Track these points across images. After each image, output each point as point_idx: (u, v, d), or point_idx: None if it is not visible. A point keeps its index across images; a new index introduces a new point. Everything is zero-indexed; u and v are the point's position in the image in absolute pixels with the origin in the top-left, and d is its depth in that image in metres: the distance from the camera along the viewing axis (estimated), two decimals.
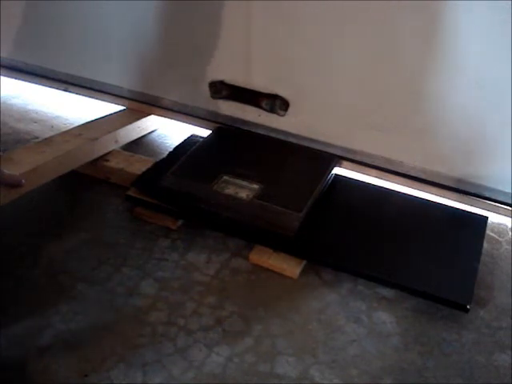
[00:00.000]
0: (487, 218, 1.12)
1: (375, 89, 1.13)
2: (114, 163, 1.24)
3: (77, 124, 1.31)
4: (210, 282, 1.01)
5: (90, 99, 1.46)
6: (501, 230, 1.18)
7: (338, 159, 1.21)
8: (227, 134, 1.29)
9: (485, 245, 1.08)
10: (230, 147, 1.25)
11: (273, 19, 1.15)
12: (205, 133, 1.33)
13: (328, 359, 0.88)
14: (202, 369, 0.86)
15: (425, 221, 1.12)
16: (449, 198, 1.16)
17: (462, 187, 1.14)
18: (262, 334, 0.92)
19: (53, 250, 1.05)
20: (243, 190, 1.09)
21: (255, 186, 1.10)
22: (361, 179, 1.23)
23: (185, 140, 1.32)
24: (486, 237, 1.08)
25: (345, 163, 1.23)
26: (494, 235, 1.17)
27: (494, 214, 1.15)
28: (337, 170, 1.22)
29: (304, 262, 1.04)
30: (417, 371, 0.88)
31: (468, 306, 0.93)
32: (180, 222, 1.13)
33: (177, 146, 1.29)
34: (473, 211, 1.14)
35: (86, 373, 0.84)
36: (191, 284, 1.01)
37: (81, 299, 0.96)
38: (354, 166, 1.22)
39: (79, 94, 1.46)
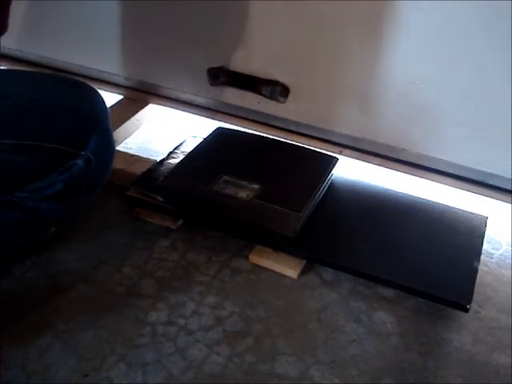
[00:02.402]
0: (487, 217, 1.12)
1: (377, 74, 1.12)
2: (113, 163, 1.24)
3: None
4: (210, 281, 1.01)
5: None
6: (501, 229, 1.18)
7: (337, 160, 1.20)
8: (227, 134, 1.29)
9: (485, 245, 1.07)
10: (230, 147, 1.25)
11: (273, 3, 1.14)
12: (204, 124, 1.33)
13: (328, 359, 0.89)
14: (202, 368, 0.86)
15: (425, 221, 1.12)
16: (450, 185, 1.16)
17: (463, 174, 1.14)
18: (262, 333, 0.92)
19: (53, 250, 1.05)
20: (243, 190, 1.09)
21: (255, 186, 1.10)
22: (362, 170, 1.23)
23: (185, 140, 1.32)
24: (485, 237, 1.08)
25: (346, 151, 1.22)
26: (494, 235, 1.17)
27: (495, 200, 1.14)
28: (338, 159, 1.21)
29: (304, 262, 1.04)
30: (417, 371, 0.88)
31: (468, 306, 0.93)
32: (180, 222, 1.13)
33: (177, 146, 1.29)
34: (473, 211, 1.14)
35: (86, 373, 0.84)
36: (191, 284, 1.01)
37: (81, 299, 0.96)
38: (356, 153, 1.22)
39: None
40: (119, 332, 0.91)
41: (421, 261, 1.02)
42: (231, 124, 1.33)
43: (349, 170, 1.25)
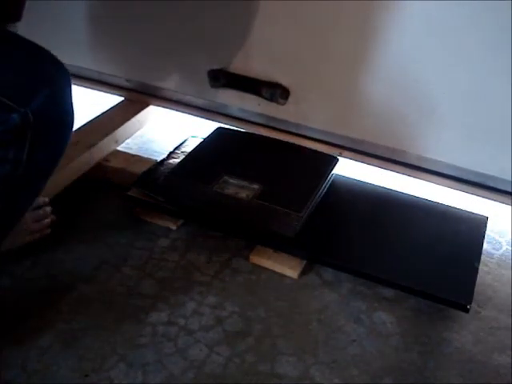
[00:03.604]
0: (487, 217, 1.12)
1: (377, 76, 1.12)
2: (114, 163, 1.24)
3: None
4: (210, 282, 1.01)
5: (88, 90, 1.44)
6: (501, 229, 1.18)
7: (337, 160, 1.20)
8: (227, 134, 1.29)
9: (485, 245, 1.08)
10: (230, 147, 1.25)
11: (273, 5, 1.14)
12: (204, 124, 1.33)
13: (328, 359, 0.89)
14: (203, 369, 0.86)
15: (425, 220, 1.12)
16: (449, 187, 1.16)
17: (463, 176, 1.14)
18: (262, 333, 0.92)
19: (53, 251, 1.05)
20: (243, 190, 1.09)
21: (255, 186, 1.10)
22: (362, 171, 1.23)
23: (185, 140, 1.32)
24: (486, 237, 1.08)
25: (346, 153, 1.22)
26: (494, 235, 1.17)
27: (495, 202, 1.14)
28: (339, 160, 1.21)
29: (304, 262, 1.04)
30: (417, 371, 0.88)
31: (468, 306, 0.93)
32: (180, 222, 1.13)
33: (177, 146, 1.29)
34: (473, 211, 1.14)
35: (87, 373, 0.84)
36: (191, 284, 1.01)
37: (81, 299, 0.96)
38: (356, 155, 1.22)
39: (76, 85, 1.44)
40: (119, 332, 0.91)
41: (421, 261, 1.02)
42: (231, 126, 1.32)
43: (349, 172, 1.25)
